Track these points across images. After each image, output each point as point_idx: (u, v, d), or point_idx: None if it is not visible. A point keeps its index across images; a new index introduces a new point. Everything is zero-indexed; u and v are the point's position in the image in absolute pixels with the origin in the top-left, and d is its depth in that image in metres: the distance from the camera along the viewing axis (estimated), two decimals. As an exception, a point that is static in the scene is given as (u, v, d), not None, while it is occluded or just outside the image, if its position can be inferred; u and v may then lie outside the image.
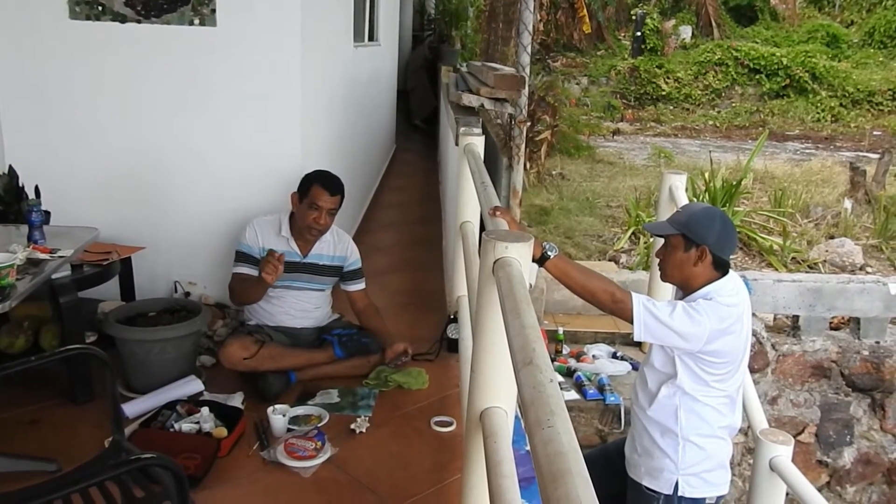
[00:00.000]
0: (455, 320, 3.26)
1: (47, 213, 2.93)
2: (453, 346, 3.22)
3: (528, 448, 2.63)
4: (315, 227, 2.96)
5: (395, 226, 5.72)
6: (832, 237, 6.82)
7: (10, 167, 3.09)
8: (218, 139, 3.37)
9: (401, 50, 10.28)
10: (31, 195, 2.99)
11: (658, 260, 2.39)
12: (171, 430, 2.49)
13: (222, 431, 2.48)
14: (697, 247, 2.23)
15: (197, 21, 3.18)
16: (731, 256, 2.32)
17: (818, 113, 15.06)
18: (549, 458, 0.87)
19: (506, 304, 1.33)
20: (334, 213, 2.99)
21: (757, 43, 16.79)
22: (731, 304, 2.21)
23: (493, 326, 1.51)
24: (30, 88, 3.26)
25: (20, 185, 3.07)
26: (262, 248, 2.98)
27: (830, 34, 17.56)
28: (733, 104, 15.56)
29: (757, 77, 15.73)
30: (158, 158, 3.38)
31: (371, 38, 6.36)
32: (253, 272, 2.96)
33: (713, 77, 15.82)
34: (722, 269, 2.27)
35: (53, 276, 2.56)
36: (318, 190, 2.93)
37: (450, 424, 2.71)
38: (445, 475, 2.40)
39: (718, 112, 15.35)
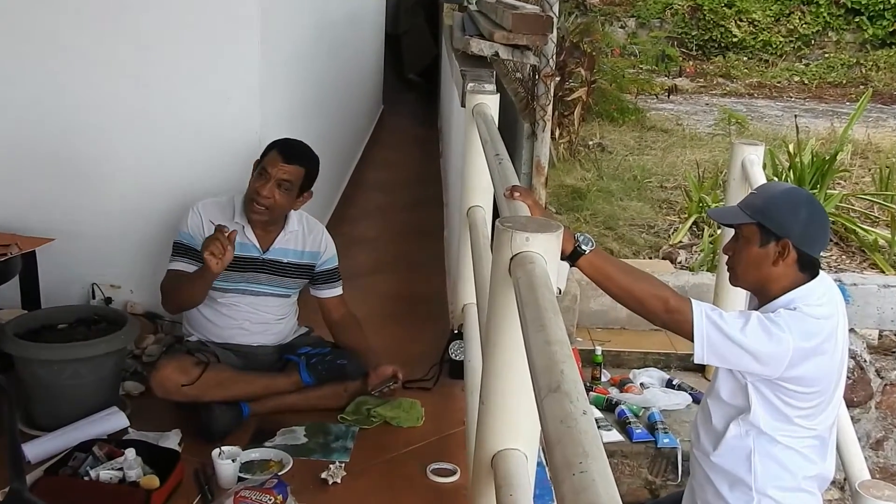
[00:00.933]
0: (460, 336, 3.27)
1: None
2: (457, 370, 3.22)
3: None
4: (256, 200, 2.93)
5: (382, 212, 5.73)
6: (957, 230, 6.80)
7: None
8: (151, 101, 3.38)
9: (390, -19, 10.27)
10: None
11: (727, 257, 2.38)
12: (86, 478, 2.48)
13: (153, 481, 2.48)
14: (778, 240, 2.22)
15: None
16: (823, 254, 2.32)
17: (938, 67, 15.01)
18: (582, 514, 0.87)
19: (526, 312, 1.34)
20: (289, 188, 2.96)
21: (857, -25, 16.74)
22: (822, 316, 2.21)
23: (510, 343, 1.52)
24: None
25: None
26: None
27: (954, -37, 17.50)
28: (826, 55, 15.52)
29: (857, 20, 15.67)
30: (73, 126, 3.39)
31: (351, -33, 6.36)
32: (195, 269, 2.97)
33: (799, 19, 15.77)
34: (810, 269, 2.27)
35: (-66, 276, 2.57)
36: (272, 155, 2.95)
37: (452, 473, 2.71)
38: (446, 539, 2.41)
39: (807, 65, 15.31)
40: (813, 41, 15.79)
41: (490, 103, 3.25)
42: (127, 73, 3.35)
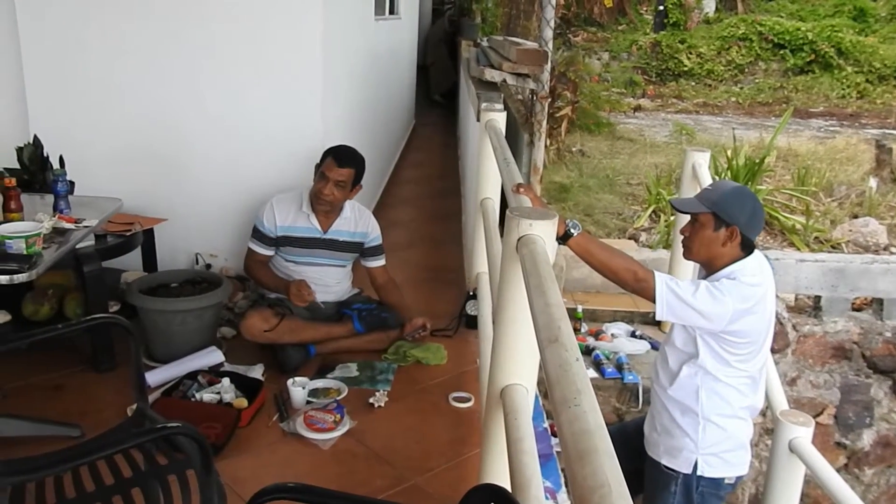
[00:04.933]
0: (474, 297, 3.25)
1: (72, 184, 2.94)
2: (472, 322, 3.21)
3: (544, 426, 2.62)
4: (321, 198, 2.94)
5: (414, 200, 5.70)
6: (856, 216, 6.71)
7: (35, 137, 3.11)
8: (238, 110, 3.35)
9: (420, 24, 10.17)
10: (56, 165, 3.00)
11: (683, 237, 2.35)
12: (193, 399, 2.52)
13: (243, 402, 2.50)
14: (728, 227, 2.19)
15: (218, -9, 3.16)
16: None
17: (843, 89, 14.73)
18: (576, 436, 0.86)
19: (530, 281, 1.32)
20: (343, 186, 2.95)
21: (782, 17, 16.42)
22: (755, 284, 2.18)
23: (517, 304, 1.50)
24: (51, 57, 3.26)
25: (45, 154, 3.08)
26: (278, 226, 3.00)
27: (857, 7, 17.11)
28: (756, 80, 15.26)
29: (781, 52, 15.39)
30: (178, 130, 3.38)
31: (391, 12, 6.30)
32: (266, 252, 3.02)
33: (736, 52, 15.51)
34: (747, 249, 2.24)
35: (78, 246, 2.58)
36: (328, 161, 2.94)
37: (467, 400, 2.71)
38: (463, 450, 2.41)
39: (741, 88, 15.07)
40: (746, 69, 15.54)
41: (499, 119, 3.21)
42: (219, 93, 3.33)
